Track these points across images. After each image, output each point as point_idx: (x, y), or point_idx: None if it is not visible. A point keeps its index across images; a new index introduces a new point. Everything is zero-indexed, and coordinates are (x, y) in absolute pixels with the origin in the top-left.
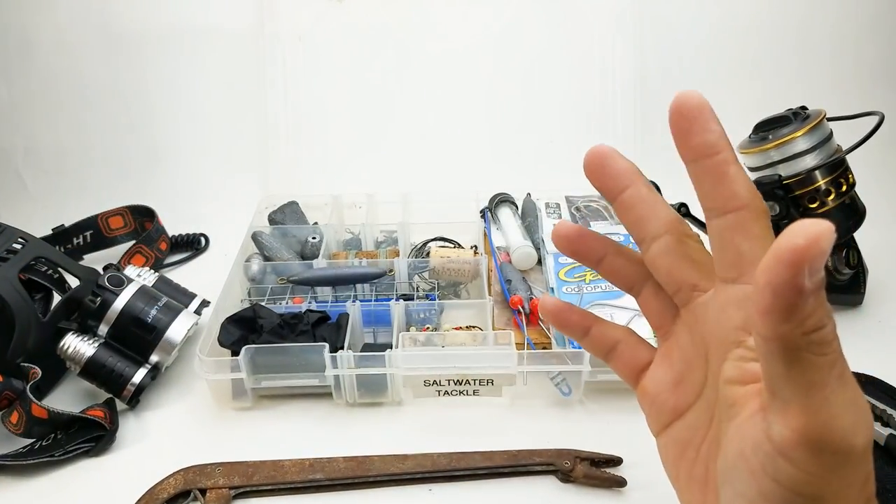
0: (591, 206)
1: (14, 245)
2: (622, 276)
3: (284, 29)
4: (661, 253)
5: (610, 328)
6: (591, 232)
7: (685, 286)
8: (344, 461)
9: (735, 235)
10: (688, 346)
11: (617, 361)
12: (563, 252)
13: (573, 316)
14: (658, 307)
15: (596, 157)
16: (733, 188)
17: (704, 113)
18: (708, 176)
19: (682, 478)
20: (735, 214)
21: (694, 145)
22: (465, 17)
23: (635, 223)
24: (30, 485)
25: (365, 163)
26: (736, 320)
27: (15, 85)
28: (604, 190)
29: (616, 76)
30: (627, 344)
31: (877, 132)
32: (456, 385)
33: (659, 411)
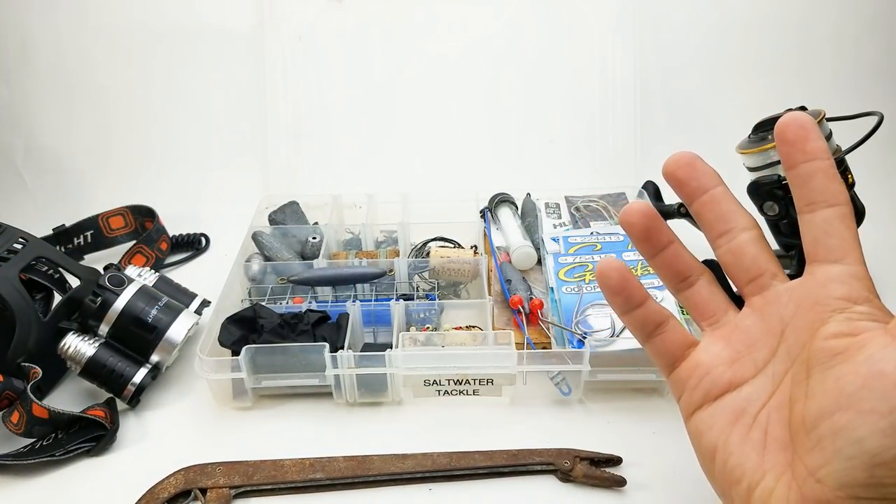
0: (590, 206)
1: (15, 245)
2: (682, 264)
3: (284, 29)
4: (750, 242)
5: (661, 307)
6: (661, 218)
7: (767, 273)
8: (344, 461)
9: (841, 224)
10: (754, 329)
11: (664, 338)
12: (632, 233)
13: (634, 283)
14: (710, 298)
15: (687, 156)
16: (840, 187)
17: (814, 129)
18: (819, 174)
19: (735, 442)
20: (840, 208)
21: (810, 150)
22: (466, 17)
23: (725, 215)
24: (30, 484)
25: (365, 163)
26: (840, 291)
27: (15, 85)
28: (692, 185)
29: (616, 76)
30: (676, 324)
31: (876, 132)
32: (456, 385)
33: (712, 382)
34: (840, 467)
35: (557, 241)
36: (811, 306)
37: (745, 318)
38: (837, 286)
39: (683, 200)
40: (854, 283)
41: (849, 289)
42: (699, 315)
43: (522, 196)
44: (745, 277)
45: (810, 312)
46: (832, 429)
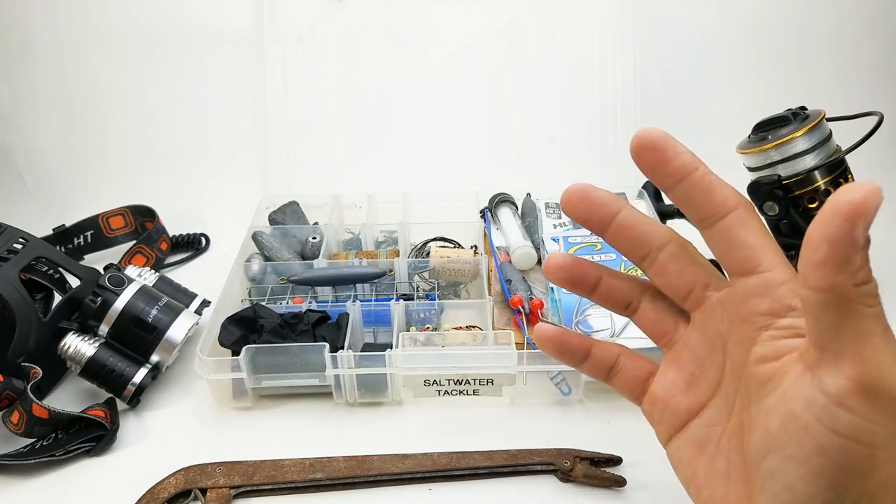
0: None
1: (15, 245)
2: (619, 295)
3: (284, 29)
4: (670, 258)
5: (608, 346)
6: (584, 259)
7: (698, 285)
8: (344, 461)
9: (740, 232)
10: (700, 346)
11: (620, 377)
12: (557, 283)
13: (573, 339)
14: (657, 318)
15: (578, 191)
16: (724, 193)
17: (671, 141)
18: (696, 190)
19: (702, 475)
20: (734, 214)
21: (673, 169)
22: (466, 17)
23: (637, 239)
24: (30, 484)
25: (365, 163)
26: (762, 307)
27: (15, 85)
28: (594, 219)
29: (616, 76)
30: (628, 357)
31: (876, 132)
32: (456, 385)
33: (672, 414)
34: None
35: (557, 241)
36: (740, 323)
37: (691, 335)
38: (757, 300)
39: (597, 235)
40: (773, 294)
41: (769, 301)
42: (653, 337)
43: (522, 196)
44: (679, 295)
45: (741, 329)
46: (768, 471)
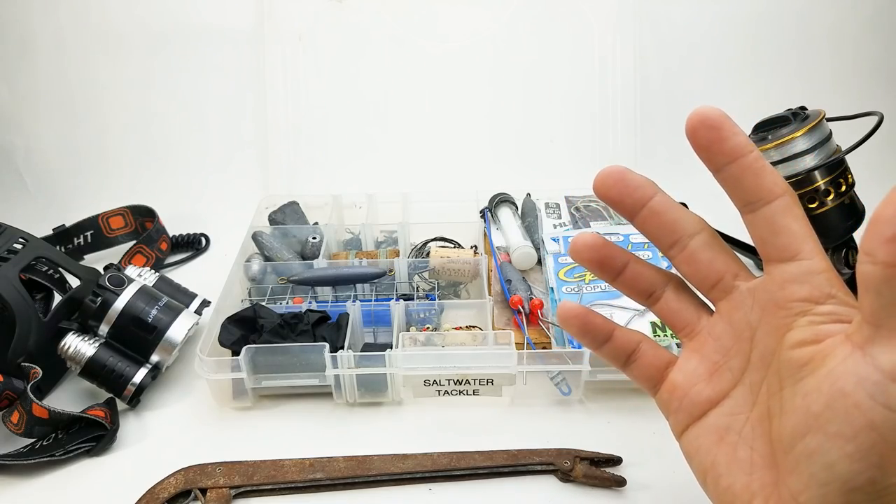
0: (590, 206)
1: (15, 245)
2: (644, 282)
3: (284, 29)
4: (702, 246)
5: (630, 332)
6: (611, 243)
7: (728, 275)
8: (344, 461)
9: (785, 218)
10: (725, 336)
11: (638, 364)
12: (584, 264)
13: (597, 320)
14: (681, 308)
15: (614, 172)
16: (773, 178)
17: (728, 121)
18: (748, 172)
19: (722, 463)
20: (780, 200)
21: (728, 149)
22: (465, 17)
23: (669, 225)
24: (30, 484)
25: (365, 163)
26: (801, 293)
27: (15, 85)
28: (627, 202)
29: (616, 76)
30: (649, 345)
31: (876, 132)
32: (456, 385)
33: (692, 403)
34: (817, 493)
35: (557, 241)
36: (774, 310)
37: (716, 325)
38: (796, 287)
39: (625, 219)
40: (813, 281)
41: (809, 288)
42: (674, 327)
43: (522, 196)
44: (706, 284)
45: (774, 317)
46: (805, 452)
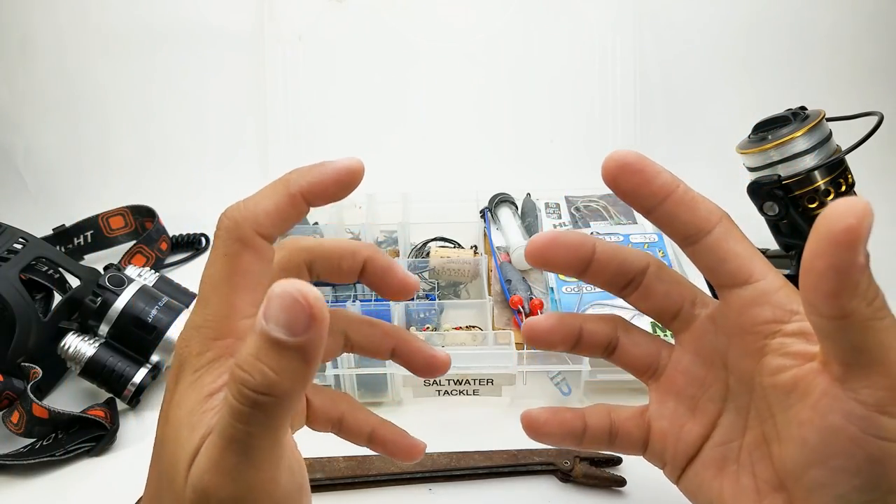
0: (590, 206)
1: (15, 245)
2: (600, 338)
3: (284, 29)
4: (655, 280)
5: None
6: (559, 315)
7: (686, 303)
8: (344, 461)
9: (728, 243)
10: (695, 367)
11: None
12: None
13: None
14: (638, 351)
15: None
16: (707, 206)
17: (649, 161)
18: (680, 207)
19: (728, 494)
20: (720, 226)
21: (656, 189)
22: (465, 17)
23: (619, 268)
24: (30, 484)
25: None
26: (764, 315)
27: (15, 85)
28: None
29: (616, 76)
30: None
31: (876, 132)
32: (456, 385)
33: (686, 444)
34: None
35: None
36: (741, 335)
37: (682, 359)
38: (757, 310)
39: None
40: (772, 300)
41: (770, 309)
42: (637, 373)
43: (522, 196)
44: (667, 316)
45: (743, 341)
46: (815, 483)
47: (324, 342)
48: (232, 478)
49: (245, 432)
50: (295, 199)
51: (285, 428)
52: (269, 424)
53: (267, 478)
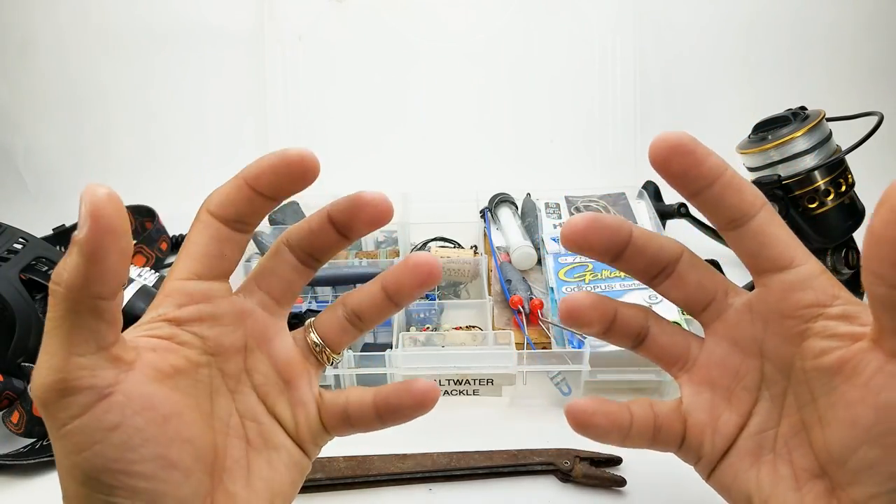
0: (590, 206)
1: (15, 245)
2: (633, 325)
3: (284, 29)
4: (688, 268)
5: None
6: (597, 295)
7: (719, 293)
8: (344, 461)
9: (772, 228)
10: (730, 357)
11: (660, 434)
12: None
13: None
14: (669, 341)
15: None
16: (752, 191)
17: (697, 143)
18: (729, 190)
19: (766, 484)
20: (763, 211)
21: (706, 171)
22: (465, 18)
23: (654, 256)
24: (30, 484)
25: (365, 163)
26: (807, 299)
27: (15, 85)
28: (605, 250)
29: (616, 76)
30: (654, 407)
31: (876, 132)
32: (456, 385)
33: (723, 436)
34: (888, 500)
35: (557, 241)
36: (781, 320)
37: (715, 348)
38: (800, 294)
39: (607, 264)
40: (815, 284)
41: (813, 293)
42: (667, 364)
43: (522, 196)
44: (698, 306)
45: (783, 327)
46: (865, 463)
47: (101, 246)
48: (40, 362)
49: (48, 319)
50: (240, 185)
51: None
52: (61, 313)
53: (63, 367)
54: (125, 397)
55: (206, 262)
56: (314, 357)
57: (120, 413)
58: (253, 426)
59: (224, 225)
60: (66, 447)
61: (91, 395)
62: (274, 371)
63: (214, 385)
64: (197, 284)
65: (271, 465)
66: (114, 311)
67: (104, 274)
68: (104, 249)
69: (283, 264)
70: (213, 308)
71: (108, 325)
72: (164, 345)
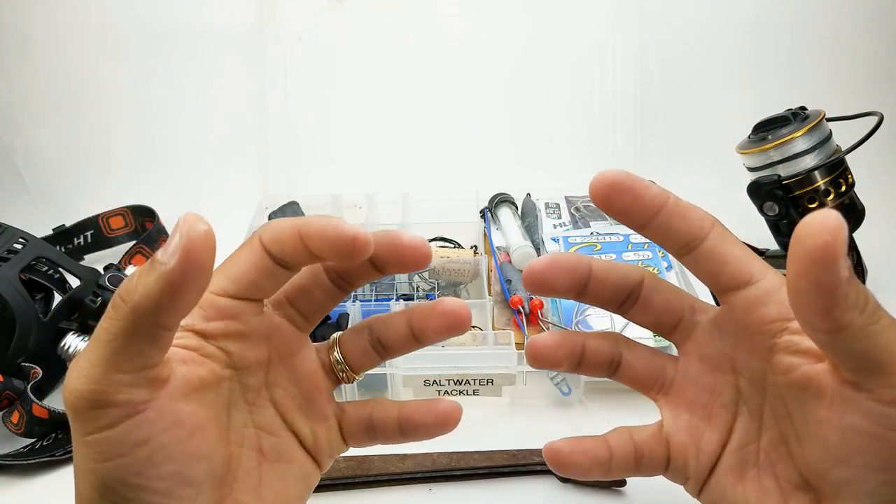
0: (590, 206)
1: (15, 245)
2: (604, 356)
3: (284, 29)
4: (651, 291)
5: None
6: (561, 333)
7: (686, 311)
8: (344, 461)
9: (724, 247)
10: (703, 375)
11: (645, 462)
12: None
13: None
14: (643, 365)
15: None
16: (698, 214)
17: (636, 178)
18: (674, 218)
19: (753, 498)
20: (714, 231)
21: (648, 204)
22: (465, 17)
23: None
24: (30, 484)
25: (365, 162)
26: (769, 314)
27: (15, 85)
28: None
29: (616, 76)
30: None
31: (876, 132)
32: (456, 385)
33: (706, 454)
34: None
35: (557, 241)
36: (748, 337)
37: (689, 368)
38: (763, 310)
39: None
40: (775, 298)
41: (776, 307)
42: (644, 389)
43: (522, 196)
44: (668, 328)
45: (751, 342)
46: (841, 481)
47: (185, 279)
48: (78, 368)
49: (100, 328)
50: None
51: (136, 348)
52: (118, 328)
53: (102, 380)
54: (156, 414)
55: (242, 286)
56: (334, 374)
57: (149, 430)
58: (268, 438)
59: (270, 258)
60: (88, 454)
61: (124, 410)
62: (294, 385)
63: (233, 398)
64: (228, 302)
65: (283, 478)
66: (170, 339)
67: (177, 307)
68: (186, 285)
69: (318, 286)
70: (241, 326)
71: (159, 351)
72: (192, 356)
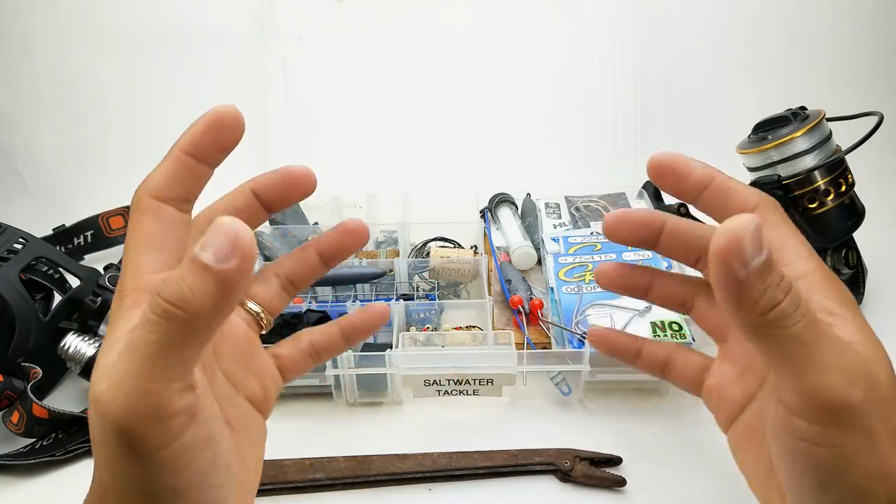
0: (590, 206)
1: (15, 245)
2: (673, 296)
3: (284, 29)
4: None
5: (658, 346)
6: (632, 265)
7: None
8: (344, 461)
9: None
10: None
11: (675, 372)
12: (612, 290)
13: (622, 339)
14: (712, 316)
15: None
16: (742, 195)
17: (681, 159)
18: (716, 197)
19: (750, 465)
20: (755, 213)
21: (693, 184)
22: (466, 18)
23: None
24: (30, 484)
25: (365, 162)
26: None
27: (15, 85)
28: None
29: (616, 76)
30: (680, 353)
31: (876, 132)
32: (456, 385)
33: (728, 404)
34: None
35: (557, 241)
36: None
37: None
38: None
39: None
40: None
41: None
42: (710, 332)
43: (522, 196)
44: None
45: None
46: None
47: (242, 279)
48: (122, 383)
49: (147, 339)
50: (179, 157)
51: (188, 355)
52: (171, 337)
53: (157, 392)
54: (209, 412)
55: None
56: (256, 325)
57: (208, 429)
58: (230, 409)
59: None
60: (158, 472)
61: (186, 417)
62: (234, 349)
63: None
64: None
65: (253, 444)
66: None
67: (230, 306)
68: (241, 285)
69: None
70: None
71: (202, 351)
72: None
